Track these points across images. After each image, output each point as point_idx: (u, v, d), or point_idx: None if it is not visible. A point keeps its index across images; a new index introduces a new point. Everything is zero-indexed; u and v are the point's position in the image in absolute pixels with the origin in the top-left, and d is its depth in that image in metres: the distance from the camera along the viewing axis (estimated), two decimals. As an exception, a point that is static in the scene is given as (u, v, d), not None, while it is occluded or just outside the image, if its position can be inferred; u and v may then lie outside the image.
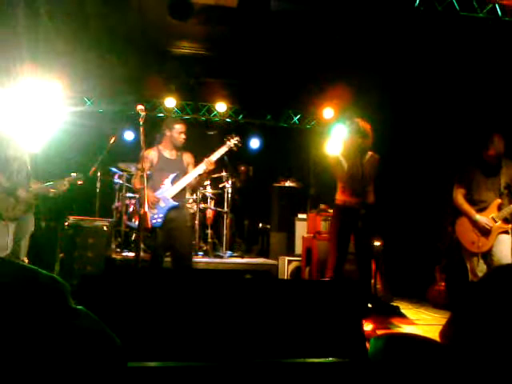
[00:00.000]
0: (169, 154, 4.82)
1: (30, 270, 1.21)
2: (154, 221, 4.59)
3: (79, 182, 4.80)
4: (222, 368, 1.73)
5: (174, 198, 4.69)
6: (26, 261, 4.79)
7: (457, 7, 5.30)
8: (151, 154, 4.77)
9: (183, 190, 4.84)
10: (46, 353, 1.09)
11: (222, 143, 4.89)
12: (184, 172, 4.80)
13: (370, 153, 4.71)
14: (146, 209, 4.26)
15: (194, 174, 4.73)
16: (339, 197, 4.76)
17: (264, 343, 2.58)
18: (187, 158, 4.89)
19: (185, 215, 4.84)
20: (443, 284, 5.89)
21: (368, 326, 3.95)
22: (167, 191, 4.68)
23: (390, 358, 1.32)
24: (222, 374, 1.84)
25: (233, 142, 4.85)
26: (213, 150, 4.85)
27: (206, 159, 4.73)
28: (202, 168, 4.70)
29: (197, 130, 7.98)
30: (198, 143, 6.50)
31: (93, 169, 6.69)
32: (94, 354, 1.17)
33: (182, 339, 2.53)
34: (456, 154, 5.87)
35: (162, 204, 4.63)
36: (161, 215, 4.61)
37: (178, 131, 4.78)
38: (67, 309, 1.18)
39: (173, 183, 4.71)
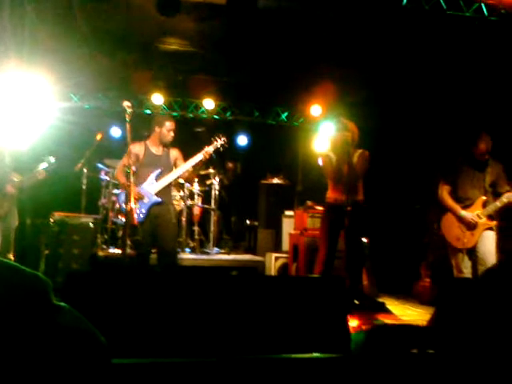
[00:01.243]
0: (155, 149, 4.82)
1: (12, 267, 1.20)
2: (136, 216, 4.57)
3: (45, 166, 4.75)
4: (208, 364, 1.73)
5: (158, 194, 4.67)
6: (12, 258, 4.76)
7: (444, 6, 5.33)
8: (137, 149, 4.75)
9: (169, 187, 4.83)
10: (28, 350, 1.08)
11: (209, 142, 4.91)
12: (170, 168, 4.80)
13: (359, 150, 4.73)
14: (132, 205, 4.25)
15: (188, 165, 4.74)
16: (329, 194, 4.79)
17: (250, 339, 2.59)
18: (174, 153, 4.89)
19: (169, 212, 4.80)
20: (428, 280, 5.95)
21: (353, 322, 3.97)
22: (151, 187, 4.66)
23: (371, 351, 1.33)
24: (207, 370, 1.84)
25: (219, 142, 4.87)
26: (200, 149, 4.86)
27: (205, 148, 4.78)
28: (198, 158, 4.72)
29: (184, 127, 7.94)
30: (186, 140, 6.48)
31: (79, 165, 6.65)
32: (77, 350, 1.16)
33: (168, 336, 2.53)
34: (442, 151, 5.91)
35: (145, 200, 4.62)
36: (143, 211, 4.60)
37: (168, 128, 4.78)
38: (49, 306, 1.17)
39: (157, 179, 4.70)
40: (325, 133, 5.48)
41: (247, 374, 1.64)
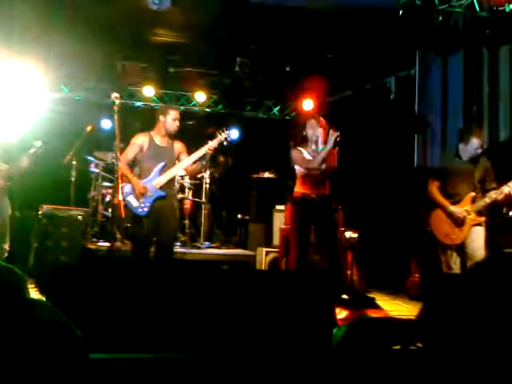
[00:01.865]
0: (160, 141, 4.74)
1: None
2: (141, 210, 4.55)
3: (32, 151, 4.70)
4: (198, 359, 1.72)
5: (162, 187, 4.64)
6: (8, 248, 4.71)
7: (436, 1, 5.32)
8: (142, 140, 4.69)
9: (172, 180, 4.80)
10: (6, 346, 1.06)
11: (213, 136, 4.85)
12: (173, 161, 4.75)
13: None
14: (125, 195, 4.21)
15: (192, 158, 4.69)
16: (298, 189, 4.79)
17: (239, 333, 2.58)
18: (178, 146, 4.82)
19: (172, 205, 4.78)
20: (418, 276, 5.96)
21: (342, 314, 3.97)
22: (155, 180, 4.62)
23: (351, 347, 1.32)
24: (197, 364, 1.83)
25: (223, 136, 4.80)
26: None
27: (209, 142, 4.72)
28: (202, 151, 4.66)
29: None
30: (177, 133, 6.44)
31: (68, 157, 6.59)
32: (51, 344, 1.14)
33: (156, 330, 2.51)
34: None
35: (149, 193, 4.56)
36: (147, 204, 4.56)
37: (172, 117, 4.71)
38: (22, 300, 1.15)
39: (161, 172, 4.65)
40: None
41: (225, 369, 1.62)
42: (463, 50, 5.67)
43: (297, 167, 4.83)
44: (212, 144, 4.71)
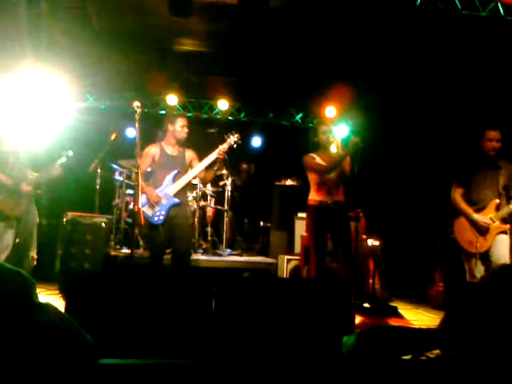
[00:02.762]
0: (171, 150, 4.80)
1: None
2: (156, 218, 4.58)
3: (63, 160, 4.76)
4: (195, 366, 1.71)
5: (176, 195, 4.67)
6: (35, 256, 4.78)
7: (459, 6, 5.24)
8: (153, 151, 4.75)
9: (185, 187, 4.82)
10: (5, 347, 1.07)
11: (223, 140, 4.85)
12: (185, 169, 4.78)
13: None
14: (140, 205, 4.25)
15: (203, 164, 4.70)
16: (313, 197, 4.75)
17: (260, 340, 2.57)
18: (189, 154, 4.86)
19: (186, 212, 4.83)
20: (442, 285, 5.85)
21: (362, 322, 3.91)
22: (169, 188, 4.66)
23: (360, 356, 1.30)
24: (209, 371, 1.82)
25: (233, 139, 4.80)
26: (214, 148, 4.79)
27: (219, 146, 4.70)
28: (213, 156, 4.66)
29: (198, 128, 7.95)
30: (199, 141, 6.48)
31: (93, 165, 6.70)
32: (58, 349, 1.15)
33: (175, 336, 2.52)
34: (455, 153, 5.82)
35: (163, 201, 4.61)
36: (163, 212, 4.59)
37: (180, 125, 4.75)
38: (31, 304, 1.17)
39: (174, 180, 4.69)
40: (338, 134, 5.41)
41: (236, 375, 1.62)
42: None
43: (311, 173, 4.80)
44: (222, 148, 4.69)
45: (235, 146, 4.85)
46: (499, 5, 5.15)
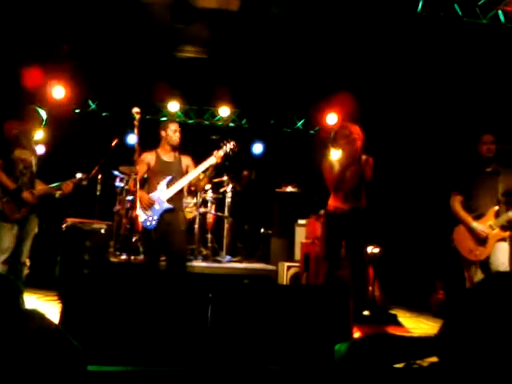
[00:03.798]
0: (167, 156, 4.81)
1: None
2: (149, 223, 4.58)
3: (84, 183, 4.75)
4: (219, 372, 1.70)
5: (169, 200, 4.67)
6: (28, 263, 4.78)
7: (459, 13, 5.26)
8: (148, 158, 4.77)
9: (180, 193, 4.81)
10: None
11: (219, 147, 4.85)
12: (181, 175, 4.78)
13: (363, 156, 4.49)
14: (138, 211, 4.24)
15: (197, 170, 4.71)
16: (330, 202, 4.68)
17: (257, 346, 2.56)
18: (186, 161, 4.87)
19: (180, 219, 4.81)
20: (443, 293, 5.82)
21: (355, 334, 3.87)
22: (162, 194, 4.66)
23: (351, 364, 1.28)
24: (217, 378, 1.81)
25: (229, 146, 4.81)
26: (210, 155, 4.78)
27: (214, 152, 4.70)
28: (210, 162, 4.67)
29: (200, 135, 7.96)
30: (201, 147, 6.48)
31: (93, 171, 6.69)
32: (43, 355, 1.14)
33: (170, 343, 2.51)
34: (454, 160, 5.80)
35: (156, 206, 4.62)
36: (155, 217, 4.60)
37: (172, 130, 4.77)
38: (17, 311, 1.16)
39: (168, 186, 4.70)
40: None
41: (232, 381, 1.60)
42: None
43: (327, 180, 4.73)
44: (217, 155, 4.71)
45: (231, 153, 4.85)
46: (500, 12, 5.16)
